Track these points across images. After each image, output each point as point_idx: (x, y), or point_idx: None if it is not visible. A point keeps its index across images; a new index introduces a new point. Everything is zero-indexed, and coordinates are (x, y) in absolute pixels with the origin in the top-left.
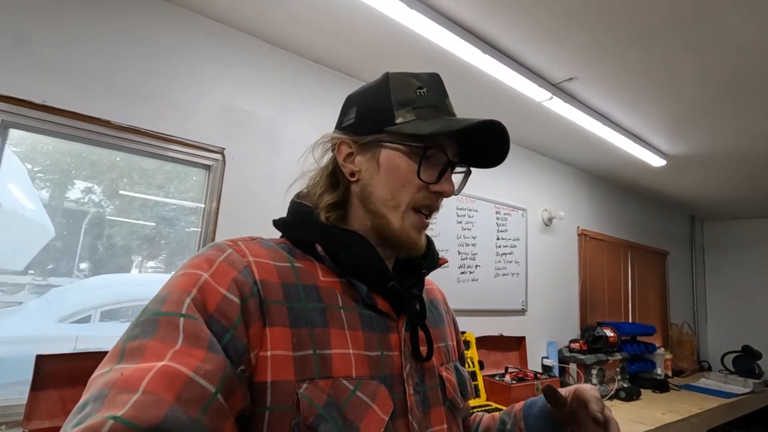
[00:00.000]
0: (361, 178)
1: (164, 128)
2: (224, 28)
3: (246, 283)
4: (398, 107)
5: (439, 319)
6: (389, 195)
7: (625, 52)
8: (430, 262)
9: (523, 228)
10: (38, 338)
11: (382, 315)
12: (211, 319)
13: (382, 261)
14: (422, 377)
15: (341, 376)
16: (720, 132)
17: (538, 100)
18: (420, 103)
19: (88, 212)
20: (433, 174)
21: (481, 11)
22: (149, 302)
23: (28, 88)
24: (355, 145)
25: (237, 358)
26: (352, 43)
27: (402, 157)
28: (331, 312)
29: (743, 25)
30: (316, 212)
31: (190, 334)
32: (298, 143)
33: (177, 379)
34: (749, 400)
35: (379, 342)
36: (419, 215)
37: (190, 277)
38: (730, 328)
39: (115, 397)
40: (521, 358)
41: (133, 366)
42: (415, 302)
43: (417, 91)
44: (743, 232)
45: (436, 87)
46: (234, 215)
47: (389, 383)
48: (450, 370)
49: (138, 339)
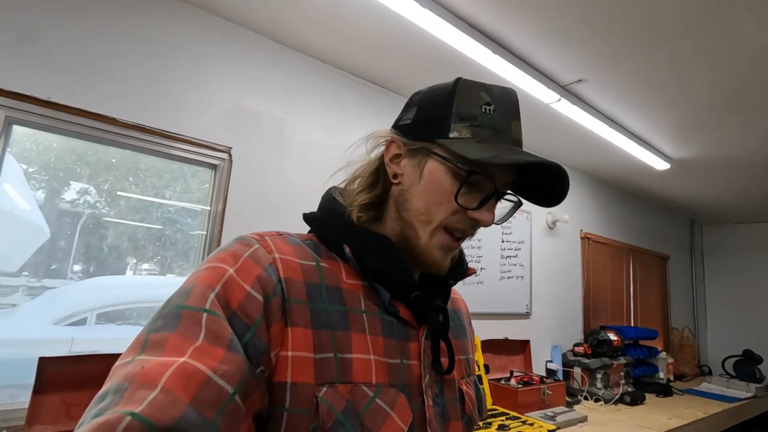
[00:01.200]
0: (402, 183)
1: (171, 126)
2: (234, 27)
3: (270, 281)
4: (456, 120)
5: (462, 330)
6: (423, 209)
7: (635, 56)
8: (459, 272)
9: (528, 231)
10: (33, 341)
11: (403, 323)
12: (233, 316)
13: (408, 269)
14: (441, 389)
15: (361, 381)
16: (726, 137)
17: (547, 101)
18: (481, 122)
19: (84, 213)
20: (474, 200)
21: (493, 12)
22: (173, 294)
23: (34, 84)
24: (404, 147)
25: (257, 358)
26: (362, 43)
27: (446, 173)
28: (353, 315)
29: (758, 32)
30: (347, 211)
31: (211, 331)
32: (306, 144)
33: (195, 379)
34: (752, 405)
35: (399, 349)
36: (448, 235)
37: (215, 272)
38: (731, 333)
39: (135, 393)
40: (526, 362)
41: (154, 359)
42: (438, 313)
43: (483, 107)
44: (742, 237)
45: (505, 106)
46: (240, 216)
47: (408, 392)
48: (470, 385)
49: (161, 331)
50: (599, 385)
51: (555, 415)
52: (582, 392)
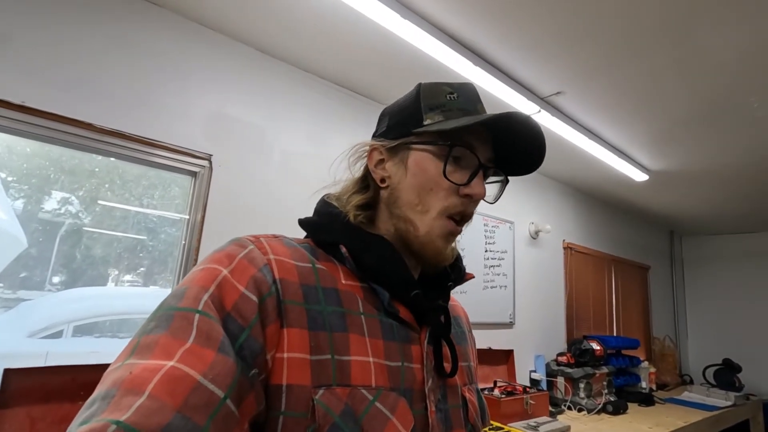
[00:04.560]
0: (391, 183)
1: (150, 133)
2: (214, 35)
3: (265, 281)
4: (427, 111)
5: (462, 337)
6: (416, 199)
7: (612, 69)
8: (458, 275)
9: (511, 241)
10: (5, 354)
11: (404, 324)
12: (228, 317)
13: (407, 267)
14: (444, 395)
15: (360, 384)
16: (701, 150)
17: (527, 113)
18: (449, 107)
19: (63, 223)
20: (463, 176)
21: (473, 24)
22: (167, 296)
23: (7, 87)
24: (385, 151)
25: (252, 359)
26: (343, 54)
27: (431, 158)
28: (351, 317)
29: (723, 46)
30: (344, 213)
31: (202, 333)
32: (288, 152)
33: (184, 384)
34: (731, 413)
35: (400, 352)
36: (450, 221)
37: (209, 273)
38: (711, 342)
39: (121, 399)
40: (509, 372)
41: (143, 363)
42: (440, 314)
43: (447, 96)
44: (720, 248)
45: (466, 94)
46: (220, 224)
47: (409, 397)
48: (473, 392)
49: (152, 333)
50: (582, 395)
51: (538, 426)
52: (565, 402)
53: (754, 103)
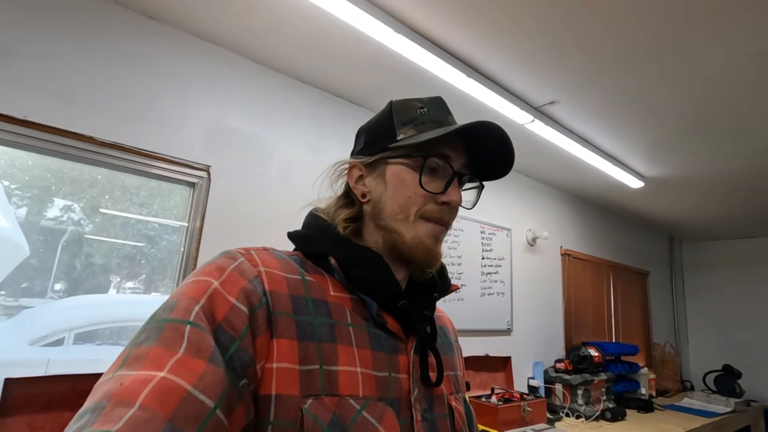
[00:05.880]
0: (372, 198)
1: (149, 145)
2: (212, 47)
3: (255, 293)
4: (400, 126)
5: (449, 347)
6: (398, 208)
7: (605, 79)
8: (443, 286)
9: (508, 248)
10: (7, 361)
11: (391, 335)
12: (218, 328)
13: (394, 278)
14: (431, 404)
15: (348, 394)
16: (695, 157)
17: (521, 122)
18: (421, 120)
19: (65, 230)
20: (439, 185)
21: (467, 35)
22: (158, 309)
23: (9, 102)
24: (364, 167)
25: (242, 370)
26: (339, 66)
27: (407, 170)
28: (340, 328)
29: (712, 57)
30: (333, 226)
31: (193, 344)
32: (285, 161)
33: (175, 394)
34: (731, 420)
35: (387, 363)
36: (431, 223)
37: (200, 285)
38: (711, 347)
39: (112, 411)
40: (507, 379)
41: (134, 374)
42: (426, 324)
43: (418, 110)
44: (720, 253)
45: (436, 106)
46: (218, 234)
47: (396, 406)
48: (459, 401)
49: (143, 345)
50: (580, 402)
51: None
52: (563, 409)
53: (746, 111)
